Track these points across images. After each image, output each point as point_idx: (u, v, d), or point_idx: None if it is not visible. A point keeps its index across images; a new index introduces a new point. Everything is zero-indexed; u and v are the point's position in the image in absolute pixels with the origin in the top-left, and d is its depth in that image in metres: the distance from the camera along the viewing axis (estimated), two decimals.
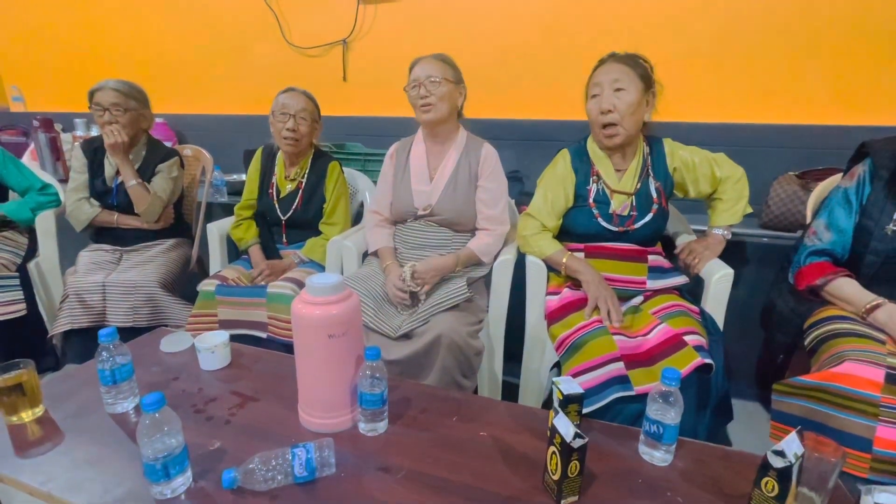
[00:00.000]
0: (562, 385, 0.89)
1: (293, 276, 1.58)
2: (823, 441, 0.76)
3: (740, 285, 1.62)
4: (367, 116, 2.30)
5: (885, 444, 0.95)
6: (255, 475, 0.77)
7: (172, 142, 2.54)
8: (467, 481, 0.81)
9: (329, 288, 0.87)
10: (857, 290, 1.14)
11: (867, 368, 0.97)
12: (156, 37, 2.61)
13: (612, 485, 0.81)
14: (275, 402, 1.02)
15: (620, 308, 1.27)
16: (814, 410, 1.02)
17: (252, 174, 1.78)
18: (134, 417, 0.97)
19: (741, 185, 1.39)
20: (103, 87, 1.67)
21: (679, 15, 1.81)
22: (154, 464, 0.74)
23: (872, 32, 1.64)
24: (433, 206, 1.49)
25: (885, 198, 1.15)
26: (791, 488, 0.70)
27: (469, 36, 2.08)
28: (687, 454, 0.88)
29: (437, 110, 1.42)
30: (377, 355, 0.89)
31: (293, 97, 1.62)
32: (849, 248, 1.21)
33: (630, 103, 1.28)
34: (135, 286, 1.60)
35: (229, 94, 2.57)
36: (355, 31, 2.24)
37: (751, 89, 1.81)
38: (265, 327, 1.49)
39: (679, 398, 0.83)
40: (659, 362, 1.11)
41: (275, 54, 2.40)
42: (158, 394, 0.74)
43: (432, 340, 1.27)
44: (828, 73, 1.72)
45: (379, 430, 0.93)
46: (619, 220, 1.37)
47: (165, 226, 1.85)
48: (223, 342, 1.15)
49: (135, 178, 1.71)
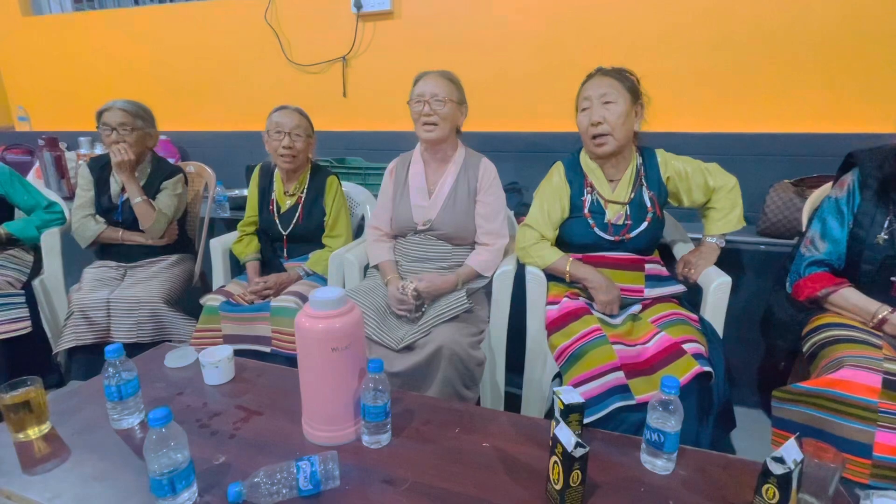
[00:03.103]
0: (563, 395, 0.90)
1: (296, 289, 1.60)
2: (823, 447, 0.76)
3: (739, 292, 1.63)
4: (367, 131, 2.34)
5: (884, 449, 0.95)
6: (261, 489, 0.78)
7: (176, 158, 2.58)
8: (470, 492, 0.82)
9: (332, 302, 0.89)
10: (862, 299, 1.15)
11: (865, 374, 0.98)
12: (159, 56, 2.67)
13: (614, 494, 0.81)
14: (279, 415, 1.03)
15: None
16: (814, 417, 1.03)
17: (252, 192, 1.81)
18: (140, 433, 0.98)
19: (734, 195, 1.41)
20: (111, 108, 1.71)
21: (671, 30, 1.86)
22: (160, 479, 0.74)
23: (862, 42, 1.68)
24: (432, 222, 1.51)
25: (874, 207, 1.17)
26: (792, 495, 0.71)
27: (466, 52, 2.13)
28: (689, 462, 0.88)
29: (440, 130, 1.45)
30: (380, 368, 0.90)
31: (287, 115, 1.65)
32: (844, 257, 1.23)
33: (619, 114, 1.31)
34: (139, 302, 1.62)
35: (231, 111, 2.62)
36: (354, 47, 2.29)
37: (743, 99, 1.85)
38: (269, 341, 1.50)
39: (679, 406, 0.84)
40: (659, 371, 1.12)
41: (276, 72, 2.45)
42: (165, 409, 0.76)
43: (434, 352, 1.28)
44: (819, 82, 1.75)
45: (382, 443, 0.93)
46: (615, 230, 1.39)
47: (170, 242, 1.87)
48: (227, 357, 1.16)
49: (140, 195, 1.73)
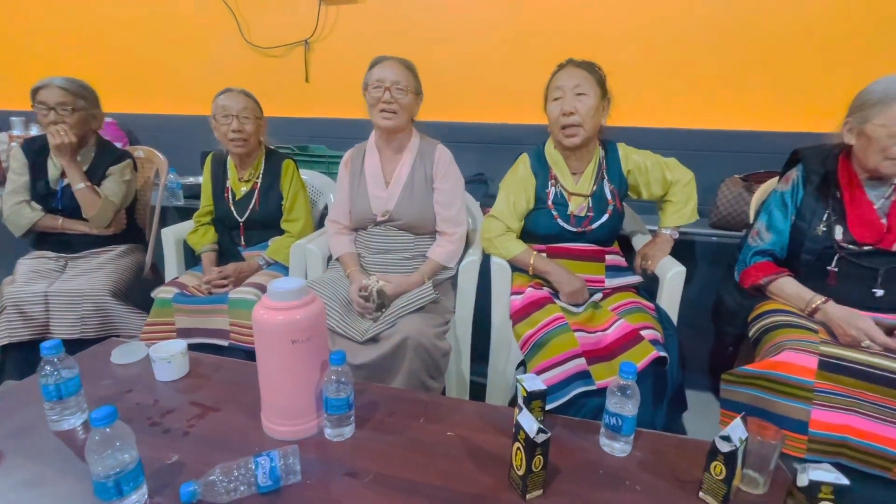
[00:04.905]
0: (526, 382, 0.92)
1: (257, 280, 1.54)
2: (765, 425, 0.81)
3: (693, 282, 1.71)
4: (330, 118, 2.28)
5: (819, 425, 1.03)
6: (217, 487, 0.75)
7: (123, 142, 2.42)
8: (435, 482, 0.82)
9: (291, 293, 0.86)
10: (798, 288, 1.23)
11: (803, 356, 1.05)
12: (102, 30, 2.48)
13: (574, 477, 0.84)
14: (237, 411, 0.99)
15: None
16: (757, 397, 1.10)
17: (205, 182, 1.72)
18: (82, 434, 0.92)
19: (690, 189, 1.46)
20: (48, 85, 1.57)
21: (636, 27, 1.90)
22: (105, 481, 0.70)
23: (810, 45, 1.78)
24: (391, 212, 1.49)
25: (815, 200, 1.25)
26: (737, 471, 0.75)
27: (432, 39, 2.10)
28: (645, 444, 0.92)
29: (399, 119, 1.43)
30: (342, 360, 0.89)
31: (232, 97, 1.57)
32: (787, 248, 1.30)
33: (590, 107, 1.33)
34: (82, 295, 1.51)
35: (185, 94, 2.47)
36: (317, 31, 2.21)
37: (699, 97, 1.92)
38: (227, 335, 1.44)
39: (636, 391, 0.87)
40: (618, 356, 1.16)
41: (233, 53, 2.33)
42: (109, 407, 0.71)
43: (399, 343, 1.26)
44: (769, 83, 1.85)
45: (345, 435, 0.92)
46: (577, 221, 1.42)
47: (117, 231, 1.75)
48: (180, 351, 1.11)
49: (83, 181, 1.61)
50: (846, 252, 1.19)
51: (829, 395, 1.04)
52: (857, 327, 1.09)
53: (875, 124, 1.12)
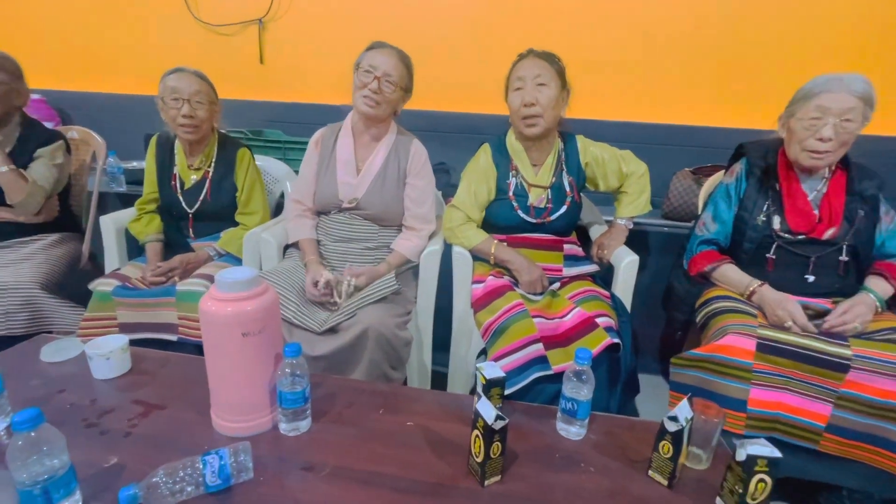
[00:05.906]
0: (485, 370, 0.92)
1: (207, 271, 1.46)
2: (708, 404, 0.86)
3: (645, 271, 1.78)
4: (287, 102, 2.18)
5: (756, 403, 1.10)
6: (160, 490, 0.71)
7: (55, 122, 2.22)
8: (394, 472, 0.81)
9: (241, 283, 0.82)
10: (738, 274, 1.31)
11: (743, 339, 1.12)
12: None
13: (532, 462, 0.85)
14: (184, 408, 0.94)
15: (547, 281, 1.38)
16: (703, 379, 1.16)
17: (149, 167, 1.60)
18: (6, 439, 0.84)
19: (644, 181, 1.52)
20: None
21: (594, 22, 1.94)
22: (31, 489, 0.64)
23: (751, 47, 1.88)
24: (359, 200, 1.45)
25: (757, 192, 1.33)
26: (683, 448, 0.79)
27: (393, 24, 2.05)
28: (599, 427, 0.95)
29: (380, 110, 1.39)
30: (297, 352, 0.86)
31: (184, 79, 1.46)
32: (730, 237, 1.38)
33: (551, 98, 1.34)
34: (6, 288, 1.39)
35: (127, 71, 2.29)
36: (272, 10, 2.10)
37: (651, 92, 1.99)
38: (175, 329, 1.36)
39: (591, 376, 0.90)
40: (574, 342, 1.19)
41: (180, 30, 2.18)
42: (33, 410, 0.65)
43: (359, 334, 1.24)
44: (714, 81, 1.94)
45: (301, 429, 0.89)
46: (536, 212, 1.44)
47: (48, 219, 1.61)
48: (121, 347, 1.04)
49: (6, 163, 1.47)
50: (783, 241, 1.27)
51: (765, 375, 1.11)
52: (784, 309, 1.17)
53: (796, 118, 1.21)
